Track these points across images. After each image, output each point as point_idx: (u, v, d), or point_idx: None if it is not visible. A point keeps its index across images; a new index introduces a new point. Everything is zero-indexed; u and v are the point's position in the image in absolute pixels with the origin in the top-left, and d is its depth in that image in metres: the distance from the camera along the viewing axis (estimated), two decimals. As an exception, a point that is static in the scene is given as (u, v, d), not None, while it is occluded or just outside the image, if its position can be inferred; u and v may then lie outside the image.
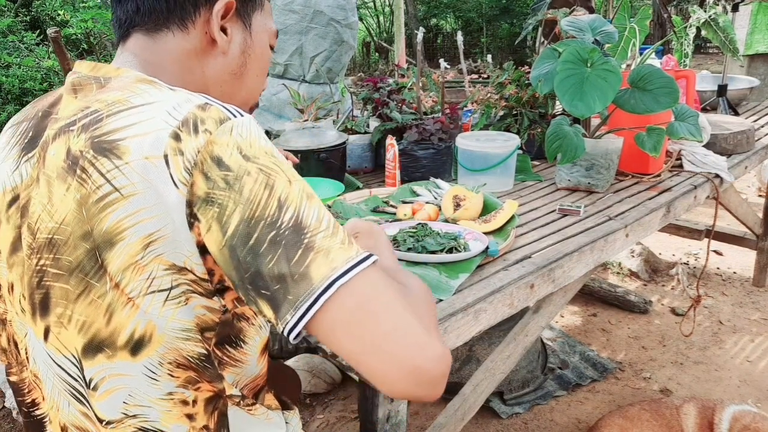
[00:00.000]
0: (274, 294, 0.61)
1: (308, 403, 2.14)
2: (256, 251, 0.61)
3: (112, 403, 0.71)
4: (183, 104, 0.66)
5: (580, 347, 2.44)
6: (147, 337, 0.68)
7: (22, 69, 4.42)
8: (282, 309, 0.61)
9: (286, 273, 0.60)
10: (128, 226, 0.63)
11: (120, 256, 0.64)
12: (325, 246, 0.62)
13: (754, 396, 2.15)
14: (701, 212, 3.53)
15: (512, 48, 10.09)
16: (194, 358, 0.71)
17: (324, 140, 1.72)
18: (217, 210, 0.62)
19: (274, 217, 0.61)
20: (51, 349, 0.73)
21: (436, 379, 0.61)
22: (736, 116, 2.49)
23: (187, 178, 0.62)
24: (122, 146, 0.64)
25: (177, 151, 0.63)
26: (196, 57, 0.79)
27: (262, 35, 0.85)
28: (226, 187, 0.62)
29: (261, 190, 0.62)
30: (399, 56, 6.11)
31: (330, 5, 3.15)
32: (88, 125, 0.67)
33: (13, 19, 5.17)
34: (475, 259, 1.26)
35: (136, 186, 0.63)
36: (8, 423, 2.12)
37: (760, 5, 3.71)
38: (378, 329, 0.60)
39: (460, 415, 1.40)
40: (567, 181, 1.75)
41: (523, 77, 2.02)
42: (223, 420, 0.76)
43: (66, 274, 0.67)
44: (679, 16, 8.11)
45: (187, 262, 0.65)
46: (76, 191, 0.65)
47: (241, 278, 0.63)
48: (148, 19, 0.77)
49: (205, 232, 0.63)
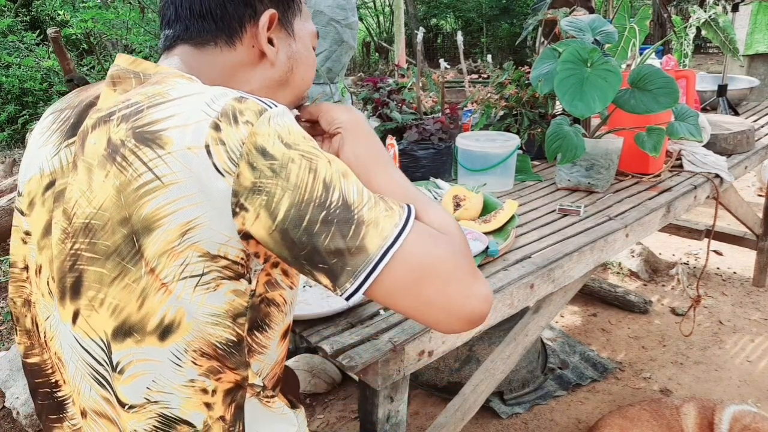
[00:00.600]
0: (332, 267, 0.66)
1: (308, 403, 2.14)
2: (311, 231, 0.65)
3: (136, 387, 0.73)
4: (220, 97, 0.69)
5: (580, 347, 2.44)
6: (176, 324, 0.70)
7: (22, 69, 4.42)
8: (341, 278, 0.67)
9: (343, 248, 0.66)
10: (168, 213, 0.66)
11: (157, 242, 0.66)
12: (373, 217, 0.67)
13: (754, 396, 2.15)
14: (701, 212, 3.53)
15: (512, 48, 10.09)
16: (222, 344, 0.73)
17: (324, 140, 1.72)
18: (265, 198, 0.65)
19: (323, 198, 0.66)
20: (78, 333, 0.74)
21: (482, 317, 0.70)
22: (736, 116, 2.49)
23: (233, 169, 0.65)
24: (164, 137, 0.66)
25: (218, 141, 0.65)
26: (243, 69, 0.82)
27: (305, 39, 0.87)
28: (273, 175, 0.65)
29: (306, 174, 0.66)
30: (399, 56, 6.12)
31: (330, 5, 3.14)
32: (129, 116, 0.70)
33: (13, 19, 5.17)
34: (475, 259, 1.26)
35: (177, 175, 0.65)
36: (8, 423, 2.12)
37: (760, 5, 3.71)
38: (431, 285, 0.68)
39: (460, 415, 1.40)
40: (567, 181, 1.75)
41: (523, 77, 2.02)
42: (239, 413, 0.78)
43: (102, 258, 0.69)
44: (679, 16, 8.11)
45: (221, 249, 0.68)
46: (115, 178, 0.67)
47: (296, 256, 0.67)
48: (197, 36, 0.80)
49: (253, 220, 0.66)
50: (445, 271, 0.68)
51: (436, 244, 0.69)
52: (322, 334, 1.04)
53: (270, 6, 0.81)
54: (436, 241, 0.70)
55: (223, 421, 0.76)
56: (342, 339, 1.02)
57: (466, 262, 0.71)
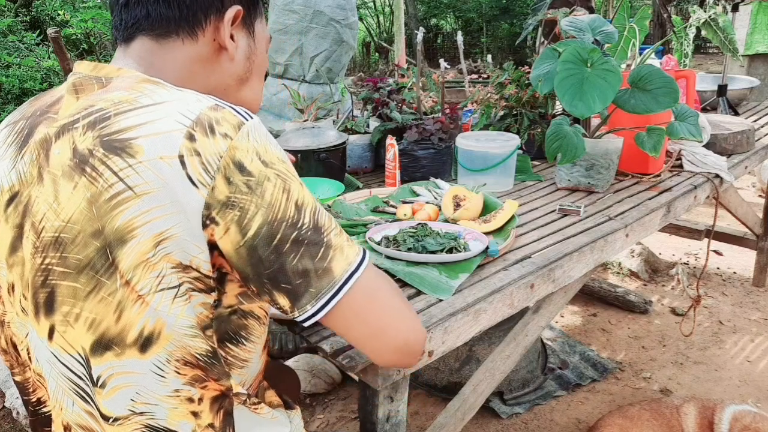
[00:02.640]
0: (295, 288, 0.68)
1: (308, 403, 2.14)
2: (280, 250, 0.66)
3: (119, 400, 0.71)
4: (193, 104, 0.68)
5: (580, 347, 2.44)
6: (156, 334, 0.68)
7: (22, 69, 4.42)
8: (302, 300, 0.69)
9: (310, 269, 0.68)
10: (141, 224, 0.64)
11: (131, 254, 0.65)
12: (340, 243, 0.70)
13: (754, 396, 2.15)
14: (701, 212, 3.53)
15: (512, 48, 10.09)
16: (202, 356, 0.71)
17: (324, 140, 1.72)
18: (237, 213, 0.65)
19: (295, 219, 0.67)
20: (56, 348, 0.73)
21: (419, 350, 0.77)
22: (736, 116, 2.49)
23: (208, 181, 0.64)
24: (135, 145, 0.65)
25: (192, 152, 0.64)
26: (201, 64, 0.80)
27: (262, 42, 0.88)
28: (248, 191, 0.65)
29: (280, 194, 0.67)
30: (399, 56, 6.12)
31: (330, 5, 3.15)
32: (94, 123, 0.67)
33: (13, 19, 5.17)
34: (475, 259, 1.26)
35: (149, 185, 0.64)
36: (8, 423, 2.12)
37: (760, 5, 3.71)
38: (383, 316, 0.72)
39: (460, 415, 1.40)
40: (567, 181, 1.75)
41: (523, 77, 2.02)
42: (228, 419, 0.77)
43: (74, 272, 0.67)
44: (679, 16, 8.11)
45: (193, 261, 0.67)
46: (85, 189, 0.65)
47: (259, 275, 0.67)
48: (157, 25, 0.77)
49: (222, 234, 0.66)
50: (395, 304, 0.74)
51: (386, 279, 0.76)
52: (322, 334, 1.04)
53: (237, 2, 0.81)
54: (385, 277, 0.76)
55: (212, 428, 0.75)
56: (342, 339, 1.02)
57: (405, 299, 0.79)
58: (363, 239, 1.37)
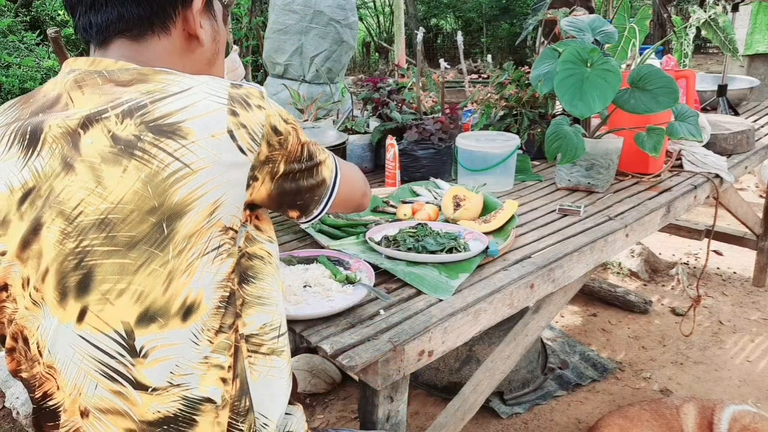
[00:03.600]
0: (305, 201, 0.88)
1: (308, 403, 2.14)
2: (296, 179, 0.84)
3: (160, 371, 0.74)
4: (216, 85, 0.75)
5: (580, 347, 2.44)
6: (197, 304, 0.74)
7: (22, 69, 4.42)
8: (310, 208, 0.89)
9: (313, 184, 0.87)
10: (198, 196, 0.71)
11: (188, 224, 0.71)
12: (323, 158, 0.89)
13: (754, 396, 2.15)
14: (701, 212, 3.53)
15: (512, 48, 10.09)
16: (222, 303, 0.76)
17: (324, 140, 1.72)
18: (270, 165, 0.78)
19: (301, 155, 0.84)
20: (85, 329, 0.74)
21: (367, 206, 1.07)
22: (736, 116, 2.49)
23: (255, 147, 0.75)
24: (184, 128, 0.71)
25: (239, 125, 0.73)
26: (178, 55, 0.85)
27: (221, 18, 0.93)
28: (280, 147, 0.79)
29: (296, 142, 0.82)
30: (399, 56, 6.11)
31: (330, 5, 3.15)
32: (131, 111, 0.72)
33: (13, 19, 5.17)
34: (475, 259, 1.26)
35: (204, 161, 0.71)
36: (8, 423, 2.12)
37: (760, 5, 3.72)
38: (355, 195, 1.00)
39: (460, 415, 1.40)
40: (567, 181, 1.75)
41: (523, 77, 2.02)
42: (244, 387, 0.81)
43: (124, 249, 0.71)
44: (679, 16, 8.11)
45: (233, 221, 0.75)
46: (137, 170, 0.70)
47: (281, 203, 0.84)
48: (132, 25, 0.81)
49: (260, 186, 0.78)
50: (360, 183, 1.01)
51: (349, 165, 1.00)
52: (322, 334, 1.04)
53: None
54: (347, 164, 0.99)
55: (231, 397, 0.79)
56: (342, 339, 1.02)
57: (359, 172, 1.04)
58: (363, 239, 1.37)
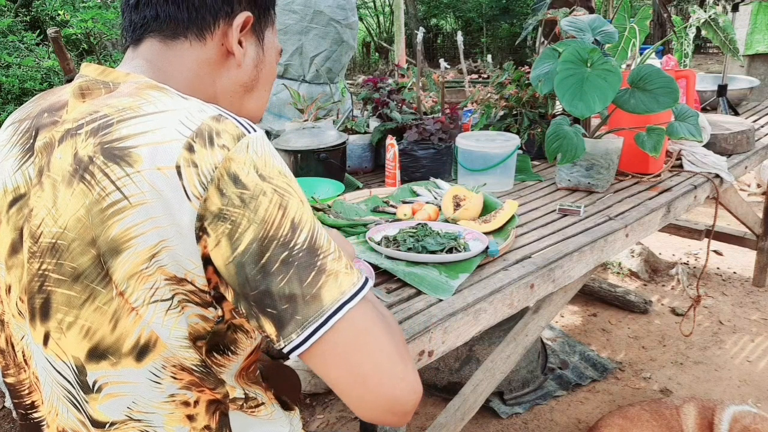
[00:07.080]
0: (280, 313, 0.63)
1: (308, 403, 2.14)
2: (267, 270, 0.63)
3: (115, 406, 0.71)
4: (196, 114, 0.66)
5: (580, 347, 2.44)
6: (152, 344, 0.68)
7: (22, 69, 4.42)
8: (287, 328, 0.63)
9: (297, 294, 0.63)
10: (136, 234, 0.63)
11: (126, 265, 0.64)
12: (335, 269, 0.65)
13: (754, 396, 2.15)
14: (701, 212, 3.53)
15: (512, 48, 10.09)
16: (197, 366, 0.71)
17: (324, 140, 1.72)
18: (229, 226, 0.63)
19: (288, 238, 0.63)
20: (50, 355, 0.72)
21: (408, 409, 0.66)
22: (736, 116, 2.49)
23: (201, 192, 0.62)
24: (134, 154, 0.63)
25: (190, 163, 0.63)
26: (209, 67, 0.80)
27: (272, 51, 0.88)
28: (241, 205, 0.63)
29: (275, 210, 0.63)
30: (399, 56, 6.11)
31: (330, 5, 3.15)
32: (97, 130, 0.67)
33: (13, 19, 5.17)
34: (475, 259, 1.26)
35: (145, 195, 0.62)
36: (8, 423, 2.12)
37: (760, 5, 3.71)
38: (369, 359, 0.64)
39: (460, 415, 1.40)
40: (567, 181, 1.75)
41: (523, 77, 2.02)
42: (224, 419, 0.76)
43: (69, 279, 0.66)
44: (679, 16, 8.11)
45: (188, 274, 0.65)
46: (83, 196, 0.64)
47: (245, 295, 0.64)
48: (166, 26, 0.77)
49: (213, 246, 0.63)
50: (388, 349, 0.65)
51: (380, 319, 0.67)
52: (322, 334, 1.04)
53: (247, 8, 0.80)
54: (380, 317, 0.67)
55: (208, 430, 0.75)
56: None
57: (402, 345, 0.68)
58: (363, 239, 1.37)
